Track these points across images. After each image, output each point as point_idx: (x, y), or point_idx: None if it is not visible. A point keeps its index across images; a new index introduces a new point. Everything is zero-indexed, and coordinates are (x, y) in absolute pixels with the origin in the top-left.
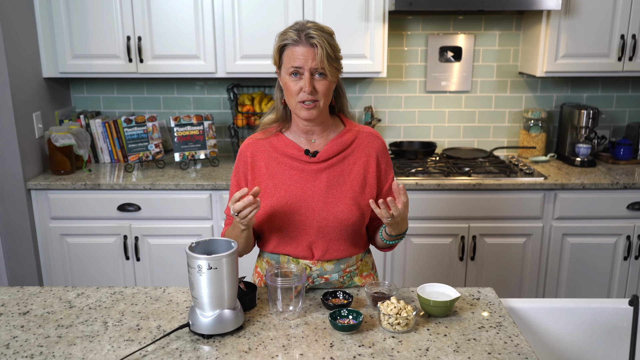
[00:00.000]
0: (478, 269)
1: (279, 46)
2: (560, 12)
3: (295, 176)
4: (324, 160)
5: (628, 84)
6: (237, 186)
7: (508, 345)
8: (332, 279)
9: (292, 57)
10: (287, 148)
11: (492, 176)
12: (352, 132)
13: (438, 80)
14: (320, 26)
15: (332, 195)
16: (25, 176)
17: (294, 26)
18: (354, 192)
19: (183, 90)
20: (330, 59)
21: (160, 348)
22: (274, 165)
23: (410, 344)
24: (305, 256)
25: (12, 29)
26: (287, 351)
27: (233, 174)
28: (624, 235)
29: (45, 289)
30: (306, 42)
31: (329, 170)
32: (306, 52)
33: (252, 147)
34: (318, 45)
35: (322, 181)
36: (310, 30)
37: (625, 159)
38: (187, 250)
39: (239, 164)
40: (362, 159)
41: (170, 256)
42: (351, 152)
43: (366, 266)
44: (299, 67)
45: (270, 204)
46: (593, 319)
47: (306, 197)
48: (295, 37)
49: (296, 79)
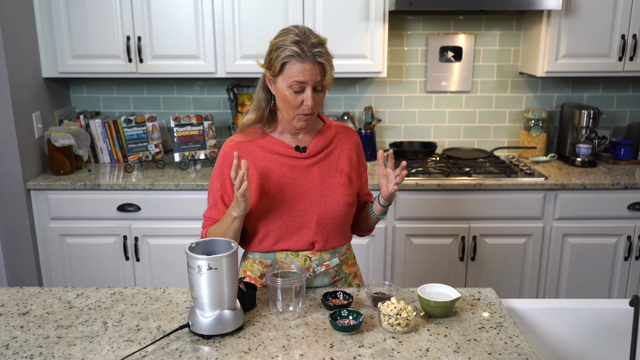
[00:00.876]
0: (478, 269)
1: (282, 60)
2: (561, 12)
3: (288, 172)
4: (314, 154)
5: (629, 84)
6: (222, 189)
7: (508, 345)
8: (332, 264)
9: (296, 72)
10: (276, 147)
11: (493, 176)
12: (332, 127)
13: (438, 80)
14: (320, 39)
15: (326, 188)
16: (25, 176)
17: (291, 36)
18: (344, 183)
19: (183, 90)
20: (331, 73)
21: (160, 348)
22: (263, 164)
23: (410, 344)
24: (305, 249)
25: (12, 28)
26: (287, 352)
27: (215, 177)
28: (625, 236)
29: (44, 290)
30: (312, 59)
31: (319, 164)
32: (312, 68)
33: (236, 149)
34: (326, 62)
35: (315, 175)
36: (316, 48)
37: (626, 159)
38: (187, 251)
39: (224, 166)
40: (345, 152)
41: (170, 256)
42: (335, 146)
43: (351, 255)
44: (303, 82)
45: (267, 203)
46: (594, 320)
47: (302, 192)
48: (301, 52)
49: (297, 93)
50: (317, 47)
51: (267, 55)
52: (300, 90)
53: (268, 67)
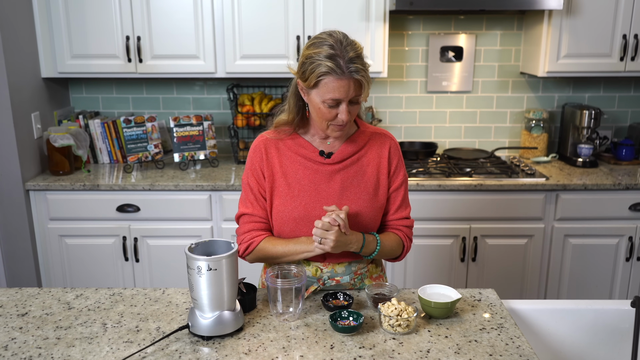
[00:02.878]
0: (479, 270)
1: (318, 77)
2: (562, 12)
3: (309, 176)
4: (338, 161)
5: (630, 84)
6: (258, 184)
7: (509, 346)
8: (343, 281)
9: (332, 89)
10: (301, 149)
11: (494, 177)
12: (366, 133)
13: (439, 81)
14: (357, 52)
15: (346, 197)
16: (24, 177)
17: (325, 48)
18: (368, 194)
19: (182, 90)
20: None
21: (159, 350)
22: (288, 164)
23: (411, 345)
24: (316, 258)
25: (11, 28)
26: (287, 353)
27: (249, 173)
28: (626, 237)
29: (43, 290)
30: (349, 75)
31: (343, 171)
32: (347, 84)
33: (265, 144)
34: (363, 78)
35: (336, 182)
36: (354, 64)
37: (627, 159)
38: (187, 252)
39: (255, 158)
40: (375, 160)
41: (170, 257)
42: (365, 153)
43: (376, 269)
44: (339, 99)
45: (284, 203)
46: (595, 321)
47: (320, 198)
48: (337, 69)
49: (332, 107)
50: (354, 62)
51: (300, 66)
52: (335, 105)
53: (302, 79)
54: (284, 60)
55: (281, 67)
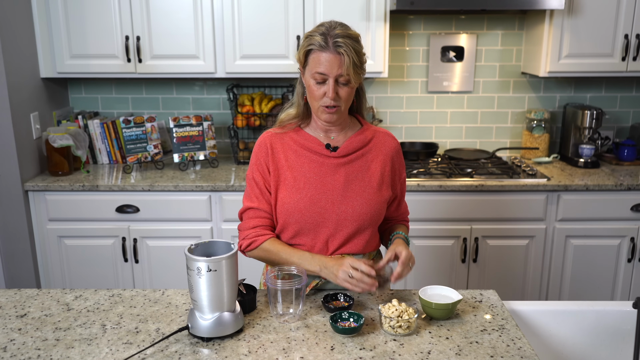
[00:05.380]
0: (480, 271)
1: (305, 50)
2: (564, 12)
3: (314, 169)
4: (343, 155)
5: (632, 84)
6: (263, 179)
7: (511, 348)
8: None
9: (317, 63)
10: (307, 142)
11: (495, 177)
12: (370, 131)
13: (440, 81)
14: (347, 32)
15: (350, 190)
16: (23, 177)
17: (320, 28)
18: (371, 189)
19: (182, 90)
20: (355, 67)
21: (159, 351)
22: (294, 157)
23: (411, 347)
24: (320, 250)
25: (10, 28)
26: (288, 354)
27: (254, 168)
28: (628, 237)
29: (42, 292)
30: (333, 49)
31: (348, 165)
32: (332, 59)
33: (271, 139)
34: (345, 54)
35: (340, 175)
36: (338, 38)
37: (629, 160)
38: (186, 252)
39: (260, 153)
40: (380, 158)
41: (169, 258)
42: (369, 150)
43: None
44: (323, 74)
45: (290, 194)
46: (597, 322)
47: (325, 190)
48: (323, 42)
49: (320, 84)
50: (340, 38)
51: (298, 49)
52: (322, 82)
53: (298, 59)
54: (284, 61)
55: (281, 67)
